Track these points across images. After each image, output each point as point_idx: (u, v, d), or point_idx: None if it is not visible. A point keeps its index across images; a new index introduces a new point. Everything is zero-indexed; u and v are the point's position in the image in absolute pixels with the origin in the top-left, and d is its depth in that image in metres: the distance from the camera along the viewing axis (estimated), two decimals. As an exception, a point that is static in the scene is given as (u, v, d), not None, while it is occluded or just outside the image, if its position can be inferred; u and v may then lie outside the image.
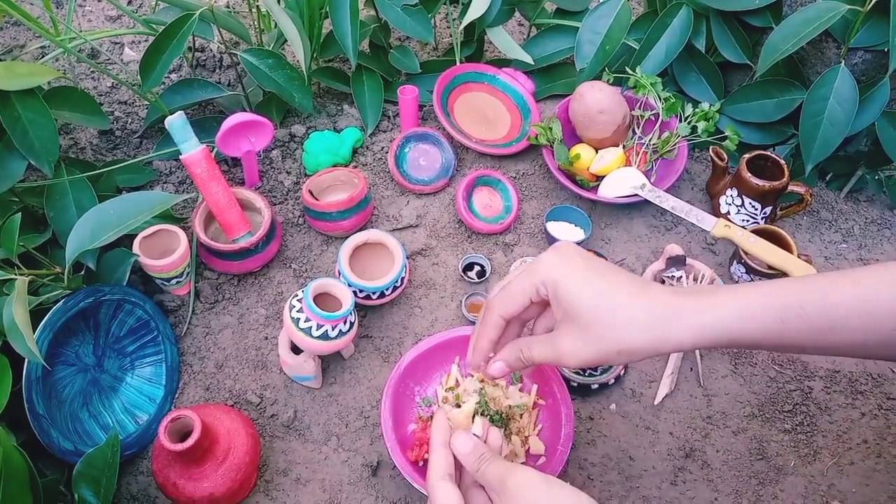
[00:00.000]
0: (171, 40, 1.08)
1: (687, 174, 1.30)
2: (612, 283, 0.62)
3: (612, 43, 1.24)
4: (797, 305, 0.59)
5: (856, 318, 0.58)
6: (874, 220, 1.26)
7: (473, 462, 0.64)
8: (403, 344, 1.07)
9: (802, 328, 0.59)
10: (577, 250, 0.65)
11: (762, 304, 0.59)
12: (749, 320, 0.59)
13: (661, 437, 0.98)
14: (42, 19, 1.49)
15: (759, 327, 0.59)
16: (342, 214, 1.12)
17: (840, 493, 0.94)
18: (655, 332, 0.59)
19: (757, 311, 0.59)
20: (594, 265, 0.63)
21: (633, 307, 0.60)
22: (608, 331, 0.60)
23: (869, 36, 1.10)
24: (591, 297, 0.61)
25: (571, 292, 0.62)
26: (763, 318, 0.59)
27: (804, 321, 0.59)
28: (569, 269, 0.63)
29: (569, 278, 0.62)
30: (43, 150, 0.98)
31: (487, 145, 1.27)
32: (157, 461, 0.85)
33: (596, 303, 0.61)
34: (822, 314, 0.58)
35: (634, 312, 0.60)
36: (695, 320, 0.59)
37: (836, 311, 0.58)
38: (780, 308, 0.59)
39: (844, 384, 1.04)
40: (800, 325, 0.59)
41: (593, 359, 0.61)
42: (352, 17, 1.20)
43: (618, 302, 0.61)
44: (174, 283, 1.06)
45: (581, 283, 0.62)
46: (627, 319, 0.60)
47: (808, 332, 0.59)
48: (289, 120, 1.34)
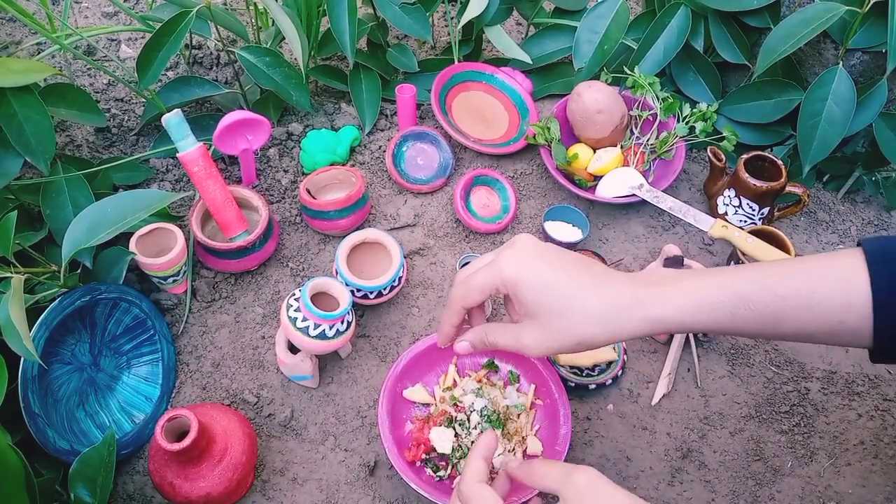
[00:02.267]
0: (168, 37, 1.07)
1: (685, 174, 1.30)
2: (569, 278, 0.65)
3: (610, 42, 1.24)
4: (747, 300, 0.61)
5: (804, 311, 0.60)
6: (871, 222, 1.26)
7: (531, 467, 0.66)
8: (401, 343, 1.07)
9: (751, 320, 0.62)
10: (535, 246, 0.68)
11: (712, 299, 0.62)
12: (700, 313, 0.62)
13: (658, 437, 0.98)
14: (38, 15, 1.48)
15: (709, 319, 0.62)
16: (340, 213, 1.12)
17: (837, 495, 0.94)
18: (611, 324, 0.63)
19: (707, 306, 0.62)
20: (551, 260, 0.66)
21: (589, 301, 0.64)
22: (567, 325, 0.64)
23: (867, 37, 1.10)
24: (548, 297, 0.64)
25: (530, 292, 0.65)
26: (712, 312, 0.62)
27: (753, 313, 0.61)
28: (527, 269, 0.66)
29: (526, 279, 0.65)
30: (39, 147, 0.98)
31: (485, 144, 1.27)
32: (153, 461, 0.85)
33: (554, 301, 0.64)
34: (771, 308, 0.61)
35: (590, 306, 0.64)
36: (647, 312, 0.63)
37: (785, 304, 0.61)
38: (730, 304, 0.62)
39: (841, 385, 1.04)
40: (748, 317, 0.62)
41: (554, 350, 0.66)
42: (350, 14, 1.19)
43: (574, 298, 0.64)
44: (171, 282, 1.06)
45: (539, 284, 0.65)
46: (584, 314, 0.64)
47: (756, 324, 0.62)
48: (286, 118, 1.34)
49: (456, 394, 0.96)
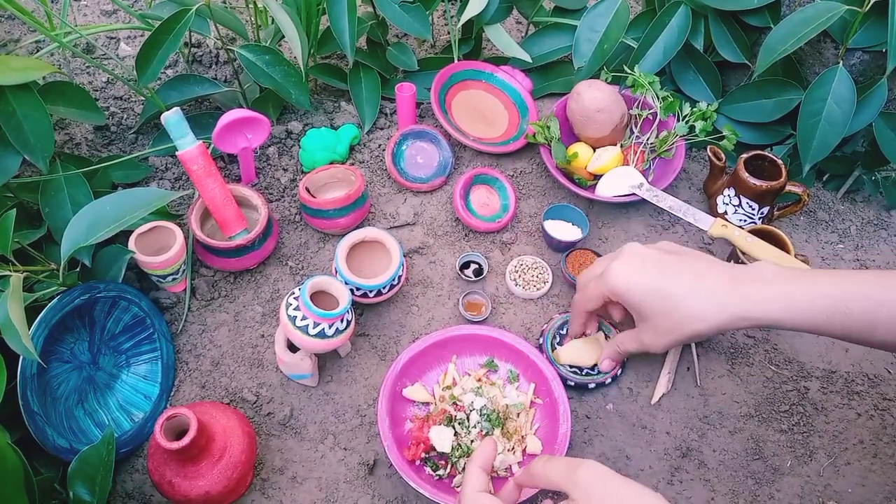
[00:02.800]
0: (167, 36, 1.07)
1: (684, 173, 1.30)
2: (671, 282, 0.74)
3: (610, 41, 1.24)
4: (843, 304, 0.64)
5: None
6: (871, 221, 1.26)
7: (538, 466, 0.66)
8: (400, 342, 1.07)
9: (847, 324, 0.64)
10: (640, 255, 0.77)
11: (810, 300, 0.65)
12: (796, 312, 0.66)
13: (657, 436, 0.98)
14: (37, 13, 1.47)
15: (805, 320, 0.66)
16: (339, 212, 1.12)
17: (836, 494, 0.94)
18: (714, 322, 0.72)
19: (804, 306, 0.66)
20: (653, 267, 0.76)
21: (692, 302, 0.72)
22: (675, 324, 0.74)
23: (867, 36, 1.10)
24: (653, 301, 0.75)
25: (639, 298, 0.76)
26: (810, 313, 0.65)
27: (848, 319, 0.64)
28: (632, 278, 0.76)
29: (633, 287, 0.76)
30: (38, 145, 0.98)
31: (485, 143, 1.27)
32: (152, 459, 0.85)
33: (660, 304, 0.74)
34: (866, 314, 0.63)
35: (692, 305, 0.72)
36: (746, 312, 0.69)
37: (880, 312, 0.63)
38: (826, 306, 0.65)
39: (840, 385, 1.04)
40: (844, 322, 0.64)
41: (671, 344, 0.77)
42: (349, 13, 1.19)
43: (678, 300, 0.73)
44: (170, 281, 1.06)
45: (644, 291, 0.75)
46: (688, 313, 0.73)
47: (851, 329, 0.64)
48: (285, 117, 1.34)
49: (455, 392, 0.96)
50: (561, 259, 1.14)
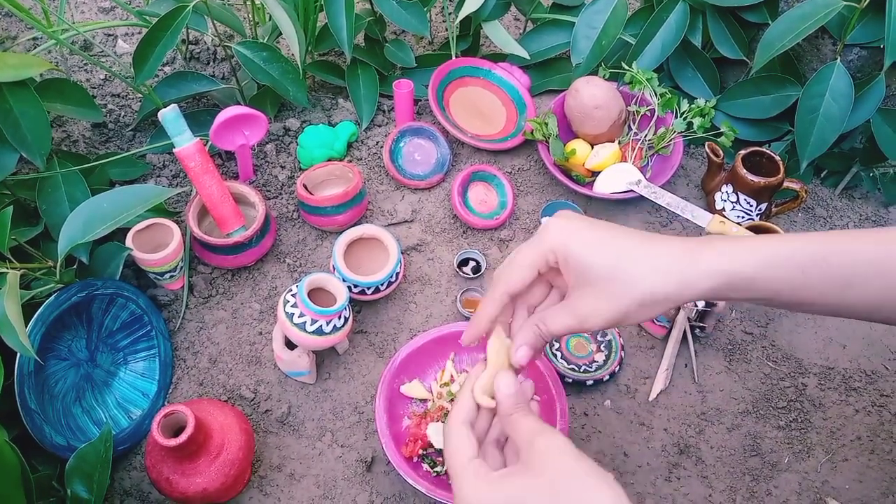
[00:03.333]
0: (164, 32, 1.07)
1: (682, 170, 1.30)
2: (624, 238, 0.60)
3: (608, 38, 1.24)
4: (820, 257, 0.57)
5: (875, 276, 0.57)
6: (869, 218, 1.26)
7: (510, 406, 0.59)
8: (398, 339, 1.07)
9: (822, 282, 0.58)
10: (581, 215, 0.62)
11: (785, 252, 0.58)
12: (771, 267, 0.57)
13: (655, 433, 0.99)
14: (34, 10, 1.47)
15: (781, 275, 0.57)
16: (337, 209, 1.12)
17: (834, 490, 0.94)
18: (676, 277, 0.57)
19: (780, 258, 0.58)
20: (601, 224, 0.61)
21: (651, 255, 0.58)
22: (628, 283, 0.57)
23: (865, 32, 1.10)
24: (605, 254, 0.58)
25: (583, 253, 0.59)
26: (786, 265, 0.58)
27: (825, 272, 0.57)
28: (577, 231, 0.60)
29: (579, 239, 0.59)
30: (35, 142, 0.97)
31: (483, 140, 1.26)
32: (150, 457, 0.85)
33: (611, 257, 0.58)
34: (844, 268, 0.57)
35: (653, 260, 0.58)
36: (716, 263, 0.57)
37: (857, 267, 0.57)
38: (802, 256, 0.58)
39: (838, 381, 1.04)
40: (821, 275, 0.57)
41: (615, 315, 0.58)
42: (347, 10, 1.19)
43: (634, 254, 0.58)
44: (168, 278, 1.06)
45: (592, 242, 0.59)
46: (647, 268, 0.57)
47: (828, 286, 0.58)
48: (283, 113, 1.34)
49: (453, 389, 0.97)
50: (559, 256, 1.14)
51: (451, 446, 0.58)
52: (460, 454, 0.57)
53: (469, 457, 0.56)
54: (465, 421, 0.60)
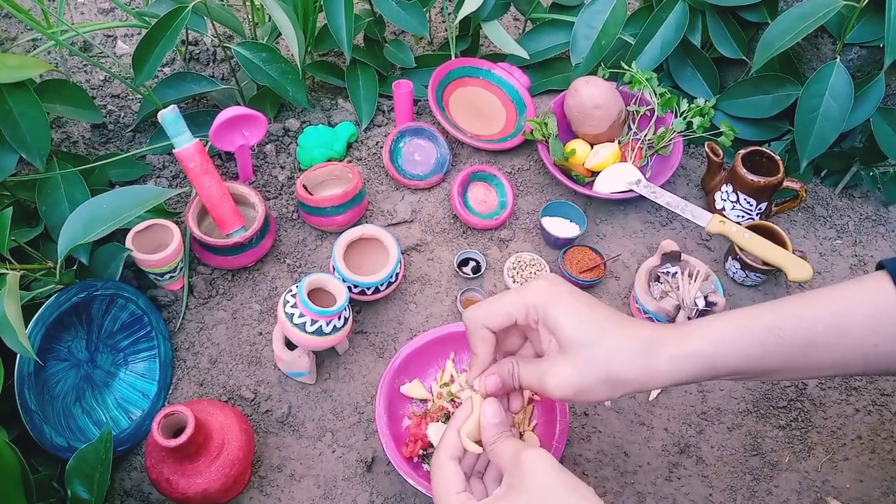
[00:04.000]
0: (163, 33, 1.07)
1: (682, 170, 1.30)
2: (599, 314, 0.62)
3: (607, 38, 1.24)
4: (775, 327, 0.59)
5: (834, 334, 0.58)
6: (869, 217, 1.26)
7: (493, 434, 0.62)
8: (398, 339, 1.07)
9: (783, 349, 0.59)
10: (567, 283, 0.65)
11: (741, 329, 0.60)
12: (729, 344, 0.59)
13: (655, 432, 0.98)
14: (33, 11, 1.47)
15: (740, 353, 0.59)
16: (336, 209, 1.12)
17: (834, 489, 0.94)
18: (640, 362, 0.59)
19: (736, 336, 0.59)
20: (583, 297, 0.64)
21: (620, 337, 0.60)
22: (594, 358, 0.60)
23: (864, 32, 1.10)
24: (578, 325, 0.61)
25: (561, 319, 0.61)
26: (743, 342, 0.59)
27: (783, 341, 0.59)
28: (561, 297, 0.63)
29: (561, 305, 0.62)
30: (34, 143, 0.97)
31: (483, 140, 1.26)
32: (150, 457, 0.85)
33: (585, 332, 0.61)
34: (800, 333, 0.59)
35: (621, 342, 0.60)
36: (678, 349, 0.60)
37: (815, 329, 0.58)
38: (758, 331, 0.59)
39: (838, 380, 1.04)
40: (780, 345, 0.59)
41: (576, 387, 0.60)
42: (346, 10, 1.19)
43: (605, 331, 0.61)
44: (167, 278, 1.06)
45: (570, 311, 0.62)
46: (614, 347, 0.60)
47: (789, 353, 0.59)
48: (283, 114, 1.34)
49: (453, 389, 0.96)
50: (559, 256, 1.14)
51: (438, 481, 0.62)
52: (448, 489, 0.61)
53: (457, 490, 0.60)
54: (453, 456, 0.63)
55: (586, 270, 1.12)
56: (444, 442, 0.64)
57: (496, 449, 0.61)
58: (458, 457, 0.63)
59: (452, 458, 0.63)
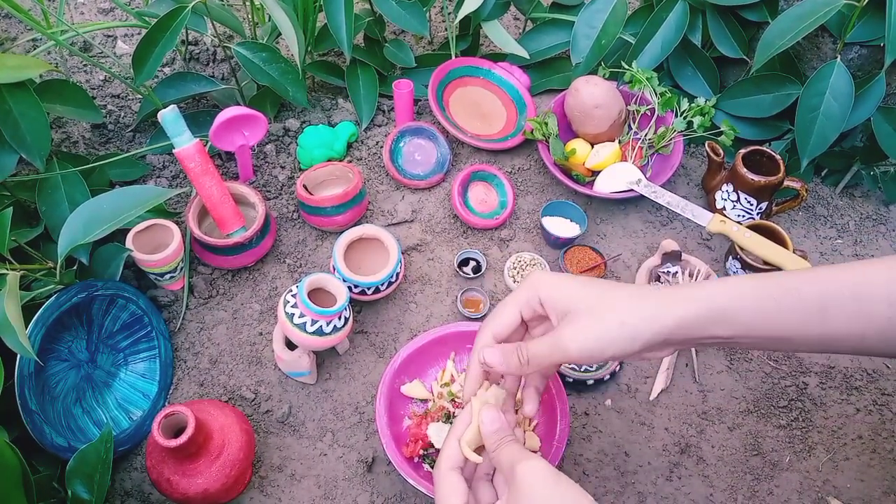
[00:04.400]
0: (163, 33, 1.07)
1: (682, 169, 1.30)
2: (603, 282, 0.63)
3: (607, 37, 1.24)
4: (792, 287, 0.59)
5: (850, 302, 0.58)
6: (869, 216, 1.26)
7: (495, 441, 0.63)
8: (399, 339, 1.07)
9: (798, 309, 0.59)
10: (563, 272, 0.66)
11: (756, 284, 0.60)
12: (744, 297, 0.59)
13: (656, 432, 0.98)
14: (33, 11, 1.47)
15: (755, 305, 0.59)
16: (337, 209, 1.12)
17: (835, 489, 0.94)
18: (653, 303, 0.60)
19: (751, 290, 0.60)
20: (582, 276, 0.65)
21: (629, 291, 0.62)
22: (608, 309, 0.60)
23: (865, 31, 1.10)
24: (586, 293, 0.62)
25: (563, 293, 0.63)
26: (757, 296, 0.59)
27: (799, 301, 0.58)
28: (560, 278, 0.64)
29: (559, 283, 0.63)
30: (34, 143, 0.97)
31: (483, 140, 1.26)
32: (150, 457, 0.85)
33: (592, 295, 0.62)
34: (817, 295, 0.58)
35: (630, 290, 0.62)
36: (689, 293, 0.60)
37: (831, 294, 0.58)
38: (774, 287, 0.59)
39: (839, 380, 1.04)
40: (795, 305, 0.59)
41: (596, 339, 0.60)
42: (346, 10, 1.19)
43: (614, 292, 0.62)
44: (168, 279, 1.06)
45: (574, 286, 0.63)
46: (625, 295, 0.61)
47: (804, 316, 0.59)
48: (283, 114, 1.34)
49: (453, 389, 0.96)
50: (559, 255, 1.14)
51: (441, 493, 0.62)
52: (451, 500, 0.61)
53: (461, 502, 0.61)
54: (454, 467, 0.63)
55: (587, 270, 1.12)
56: (443, 453, 0.65)
57: (497, 457, 0.62)
58: (459, 466, 0.64)
59: (453, 469, 0.63)
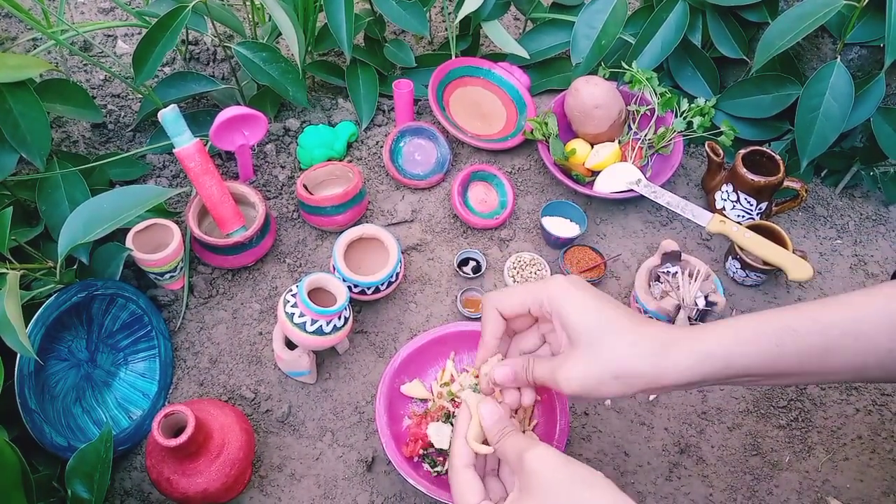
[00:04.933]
0: (164, 33, 1.07)
1: (682, 169, 1.30)
2: (614, 311, 0.62)
3: (607, 38, 1.24)
4: (790, 328, 0.59)
5: (850, 338, 0.58)
6: (869, 217, 1.26)
7: (496, 433, 0.63)
8: (398, 339, 1.07)
9: (799, 350, 0.59)
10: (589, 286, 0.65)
11: (756, 329, 0.60)
12: (745, 344, 0.59)
13: (656, 432, 0.98)
14: (34, 11, 1.47)
15: (756, 351, 0.59)
16: (337, 209, 1.12)
17: (834, 489, 0.94)
18: (653, 358, 0.59)
19: (752, 336, 0.59)
20: (599, 295, 0.64)
21: (633, 333, 0.60)
22: (606, 353, 0.60)
23: (865, 31, 1.10)
24: (592, 320, 0.61)
25: (574, 312, 0.62)
26: (759, 342, 0.59)
27: (799, 343, 0.59)
28: (575, 292, 0.63)
29: (573, 300, 0.62)
30: (34, 143, 0.97)
31: (483, 140, 1.26)
32: (150, 457, 0.85)
33: (597, 325, 0.61)
34: (816, 335, 0.58)
35: (633, 337, 0.60)
36: (692, 347, 0.59)
37: (830, 332, 0.58)
38: (773, 332, 0.59)
39: (839, 380, 1.04)
40: (795, 347, 0.59)
41: (586, 381, 0.60)
42: (346, 10, 1.19)
43: (619, 326, 0.61)
44: (168, 278, 1.06)
45: (584, 306, 0.62)
46: (627, 342, 0.60)
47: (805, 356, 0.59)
48: (283, 114, 1.34)
49: (453, 389, 0.96)
50: (559, 255, 1.14)
51: (458, 490, 0.62)
52: (469, 499, 0.61)
53: (478, 500, 0.60)
54: (468, 465, 0.63)
55: (586, 270, 1.12)
56: (454, 452, 0.65)
57: (501, 448, 0.62)
58: (472, 463, 0.63)
59: (467, 467, 0.63)
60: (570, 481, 0.55)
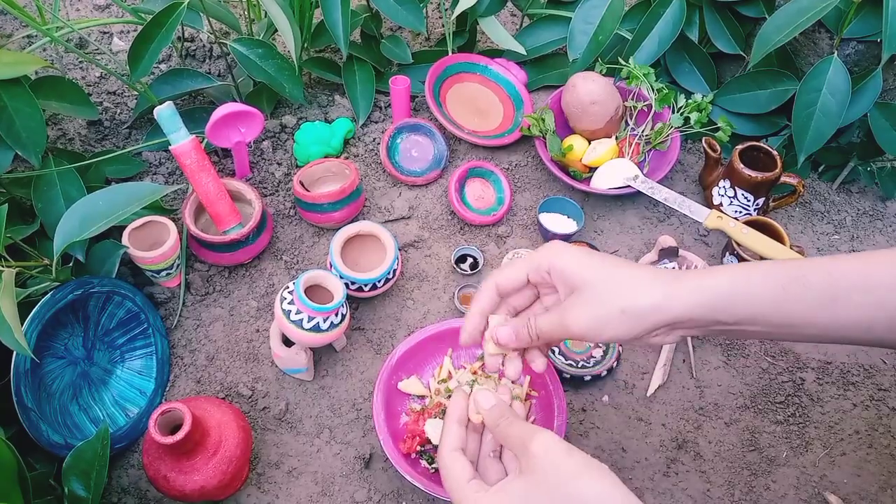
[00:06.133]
0: (159, 29, 1.07)
1: (679, 165, 1.30)
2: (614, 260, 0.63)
3: (604, 33, 1.24)
4: (799, 275, 0.58)
5: (859, 291, 0.57)
6: (866, 212, 1.26)
7: (495, 418, 0.63)
8: (396, 336, 1.07)
9: (805, 298, 0.58)
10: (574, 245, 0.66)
11: (766, 272, 0.59)
12: (753, 285, 0.59)
13: (653, 428, 0.98)
14: (28, 8, 1.47)
15: (761, 293, 0.59)
16: (333, 206, 1.12)
17: (832, 484, 0.94)
18: (660, 289, 0.59)
19: (759, 278, 0.59)
20: (593, 251, 0.65)
21: (636, 271, 0.62)
22: (612, 289, 0.61)
23: (862, 26, 1.10)
24: (594, 268, 0.62)
25: (573, 265, 0.63)
26: (765, 284, 0.59)
27: (806, 291, 0.58)
28: (571, 250, 0.64)
29: (572, 256, 0.63)
30: (30, 140, 0.97)
31: (480, 136, 1.26)
32: (147, 454, 0.85)
33: (598, 270, 0.62)
34: (825, 284, 0.58)
35: (638, 272, 0.61)
36: (698, 279, 0.60)
37: (839, 283, 0.58)
38: (781, 276, 0.59)
39: (836, 375, 1.04)
40: (802, 294, 0.58)
41: (597, 321, 0.61)
42: (342, 6, 1.19)
43: (620, 269, 0.62)
44: (164, 275, 1.05)
45: (584, 260, 0.63)
46: (631, 276, 0.61)
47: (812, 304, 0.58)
48: (279, 110, 1.33)
49: (451, 385, 0.96)
50: (556, 252, 1.14)
51: (448, 473, 0.62)
52: (458, 478, 0.61)
53: (466, 479, 0.60)
54: (456, 447, 0.64)
55: (584, 266, 1.12)
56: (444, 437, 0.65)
57: (503, 433, 0.61)
58: (462, 447, 0.64)
59: (455, 450, 0.63)
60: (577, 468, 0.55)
